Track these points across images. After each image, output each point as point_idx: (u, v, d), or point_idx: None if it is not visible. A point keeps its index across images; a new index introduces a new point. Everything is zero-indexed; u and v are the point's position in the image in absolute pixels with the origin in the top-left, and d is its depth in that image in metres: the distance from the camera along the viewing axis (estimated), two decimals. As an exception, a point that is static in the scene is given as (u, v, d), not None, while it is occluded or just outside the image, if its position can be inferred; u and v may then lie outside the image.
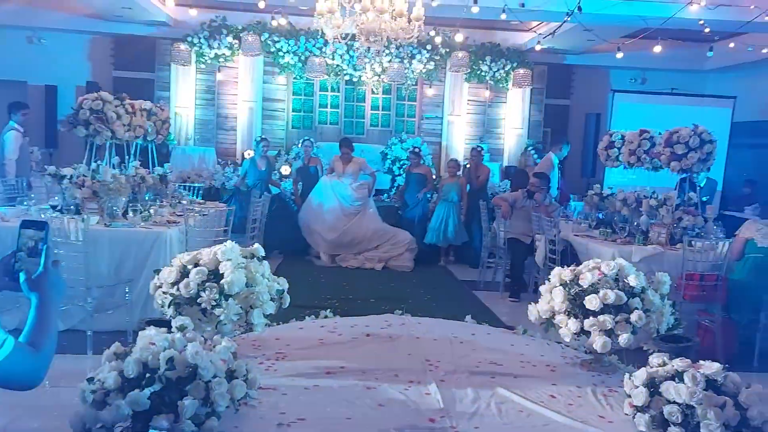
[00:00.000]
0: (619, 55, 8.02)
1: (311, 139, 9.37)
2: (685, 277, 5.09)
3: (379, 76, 10.44)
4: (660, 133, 6.31)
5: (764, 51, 9.20)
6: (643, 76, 11.87)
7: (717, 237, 5.76)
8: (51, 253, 1.58)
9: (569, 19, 7.29)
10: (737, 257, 5.29)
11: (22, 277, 1.57)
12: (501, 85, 10.76)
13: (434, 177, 9.29)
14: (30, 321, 1.57)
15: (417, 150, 9.10)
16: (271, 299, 3.84)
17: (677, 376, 3.13)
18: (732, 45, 9.43)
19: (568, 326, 4.07)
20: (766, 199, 9.55)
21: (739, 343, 5.14)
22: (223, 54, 10.16)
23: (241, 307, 3.68)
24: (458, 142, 10.62)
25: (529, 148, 10.00)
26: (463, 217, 8.74)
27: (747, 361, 4.91)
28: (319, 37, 10.01)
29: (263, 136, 9.02)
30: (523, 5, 7.51)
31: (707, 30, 7.93)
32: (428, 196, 8.85)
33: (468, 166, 9.22)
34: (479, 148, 9.41)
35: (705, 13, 7.44)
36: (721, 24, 7.88)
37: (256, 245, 4.13)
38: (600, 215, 6.85)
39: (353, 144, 8.78)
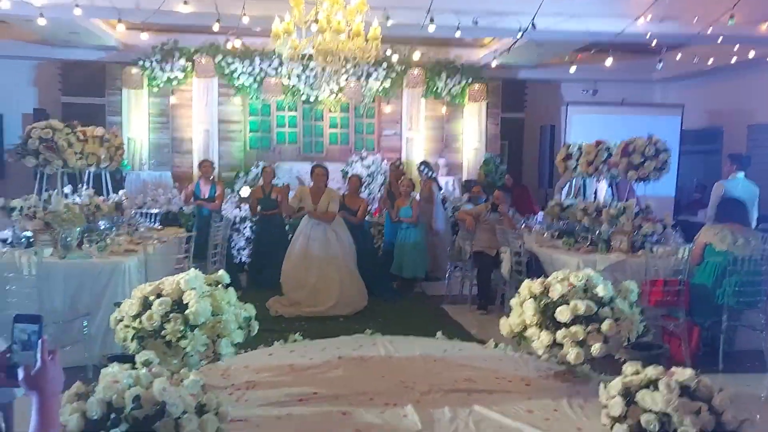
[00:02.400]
0: (573, 68, 8.18)
1: (271, 165, 8.64)
2: (648, 283, 5.16)
3: (337, 94, 10.44)
4: (615, 144, 6.42)
5: (709, 62, 9.53)
6: (594, 88, 12.15)
7: (676, 242, 5.88)
8: (46, 345, 1.54)
9: (522, 35, 7.40)
10: (697, 262, 5.39)
11: (20, 374, 1.53)
12: (457, 101, 10.88)
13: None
14: (34, 420, 1.53)
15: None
16: (239, 327, 3.75)
17: (652, 384, 3.16)
18: (679, 56, 9.74)
19: (540, 339, 4.09)
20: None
21: (703, 345, 5.22)
22: (176, 77, 10.02)
23: (207, 337, 3.58)
24: (418, 158, 10.61)
25: (422, 167, 9.46)
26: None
27: (712, 363, 4.99)
28: (274, 57, 9.98)
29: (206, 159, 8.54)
30: (476, 23, 7.59)
31: (654, 43, 8.17)
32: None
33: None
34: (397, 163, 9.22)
35: (652, 27, 7.65)
36: (667, 37, 8.12)
37: (221, 272, 4.03)
38: (561, 225, 6.91)
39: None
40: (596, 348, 3.93)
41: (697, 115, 11.15)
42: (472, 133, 10.98)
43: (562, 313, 3.96)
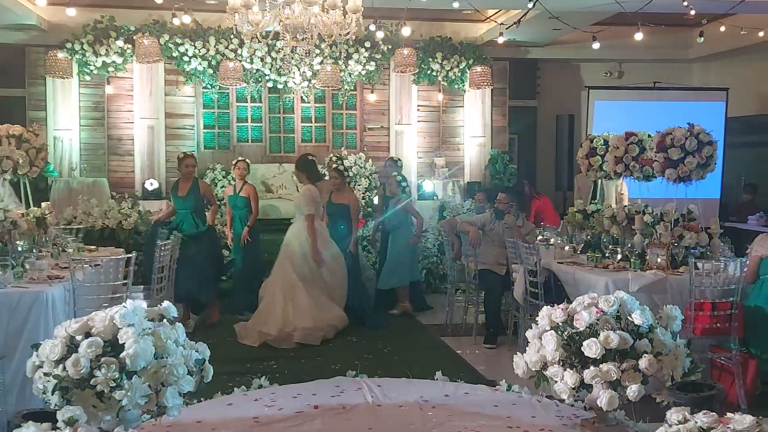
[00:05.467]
0: (595, 45, 8.15)
1: (246, 160, 8.72)
2: (693, 306, 5.12)
3: (310, 81, 10.42)
4: (649, 136, 6.41)
5: (760, 34, 9.52)
6: (619, 69, 12.20)
7: (725, 256, 5.84)
8: None
9: (534, 4, 7.36)
10: (752, 280, 5.37)
11: None
12: (456, 87, 10.90)
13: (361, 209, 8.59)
14: None
15: (339, 166, 8.73)
16: (189, 372, 3.65)
17: (703, 435, 3.08)
18: (723, 29, 9.74)
19: (564, 380, 4.02)
20: (770, 205, 9.86)
21: (762, 383, 5.17)
22: (113, 62, 9.97)
23: (149, 386, 3.49)
24: (410, 156, 10.62)
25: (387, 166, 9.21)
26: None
27: (773, 403, 4.95)
28: (232, 36, 9.93)
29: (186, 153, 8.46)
30: (478, -10, 7.57)
31: (692, 13, 8.15)
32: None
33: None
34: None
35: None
36: (709, 5, 8.11)
37: (166, 303, 3.92)
38: (585, 237, 6.88)
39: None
40: (633, 390, 3.86)
41: (744, 99, 11.21)
42: (475, 125, 11.01)
43: (591, 348, 3.90)
